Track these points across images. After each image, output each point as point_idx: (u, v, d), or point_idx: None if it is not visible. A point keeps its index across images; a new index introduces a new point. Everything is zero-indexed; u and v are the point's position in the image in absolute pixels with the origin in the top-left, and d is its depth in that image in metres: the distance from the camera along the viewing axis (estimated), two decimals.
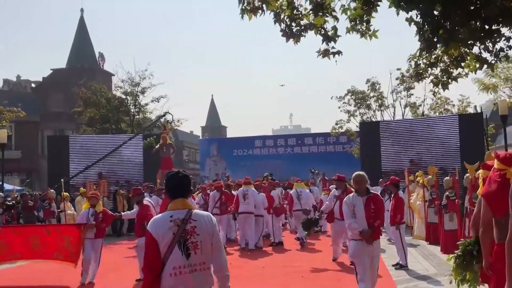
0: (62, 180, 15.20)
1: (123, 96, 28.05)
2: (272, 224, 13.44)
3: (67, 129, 42.23)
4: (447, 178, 12.10)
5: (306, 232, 11.14)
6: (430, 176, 12.99)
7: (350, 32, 5.40)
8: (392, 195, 10.15)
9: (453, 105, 24.64)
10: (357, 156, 25.15)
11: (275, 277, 9.15)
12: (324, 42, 5.45)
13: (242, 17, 5.46)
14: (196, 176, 39.17)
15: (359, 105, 25.43)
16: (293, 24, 5.37)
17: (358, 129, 24.44)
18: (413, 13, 4.66)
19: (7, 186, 20.13)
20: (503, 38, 4.83)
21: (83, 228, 9.04)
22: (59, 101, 44.60)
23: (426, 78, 5.79)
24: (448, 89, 5.59)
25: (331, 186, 16.21)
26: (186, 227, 3.40)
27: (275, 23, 5.46)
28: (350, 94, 25.66)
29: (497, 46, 4.87)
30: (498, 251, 3.64)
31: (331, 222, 10.70)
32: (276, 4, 5.35)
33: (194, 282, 3.35)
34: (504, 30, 4.79)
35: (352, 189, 10.79)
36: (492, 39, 4.70)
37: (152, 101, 27.66)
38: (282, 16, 5.42)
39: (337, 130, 26.87)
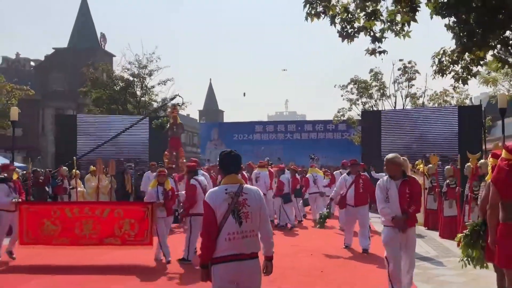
0: (74, 158, 15.68)
1: (130, 78, 28.33)
2: (280, 207, 13.86)
3: (68, 108, 42.47)
4: (448, 167, 12.60)
5: (318, 225, 11.21)
6: (431, 165, 13.49)
7: (386, 31, 5.92)
8: None
9: (452, 97, 25.17)
10: (357, 143, 25.73)
11: (286, 255, 9.61)
12: (372, 43, 6.09)
13: (306, 19, 6.18)
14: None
15: (361, 94, 25.93)
16: (348, 26, 5.98)
17: (359, 118, 24.91)
18: (446, 20, 5.22)
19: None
20: None
21: (150, 207, 8.73)
22: (60, 80, 44.76)
23: (448, 74, 6.32)
24: (467, 84, 6.16)
25: (335, 172, 16.80)
26: (238, 199, 3.91)
27: (331, 25, 6.12)
28: (353, 83, 26.12)
29: None
30: (502, 229, 4.26)
31: (343, 208, 10.59)
32: (335, 9, 6.00)
33: (245, 246, 3.86)
34: None
35: (365, 174, 11.11)
36: None
37: (158, 83, 27.99)
38: (337, 20, 6.06)
39: (339, 118, 27.36)
